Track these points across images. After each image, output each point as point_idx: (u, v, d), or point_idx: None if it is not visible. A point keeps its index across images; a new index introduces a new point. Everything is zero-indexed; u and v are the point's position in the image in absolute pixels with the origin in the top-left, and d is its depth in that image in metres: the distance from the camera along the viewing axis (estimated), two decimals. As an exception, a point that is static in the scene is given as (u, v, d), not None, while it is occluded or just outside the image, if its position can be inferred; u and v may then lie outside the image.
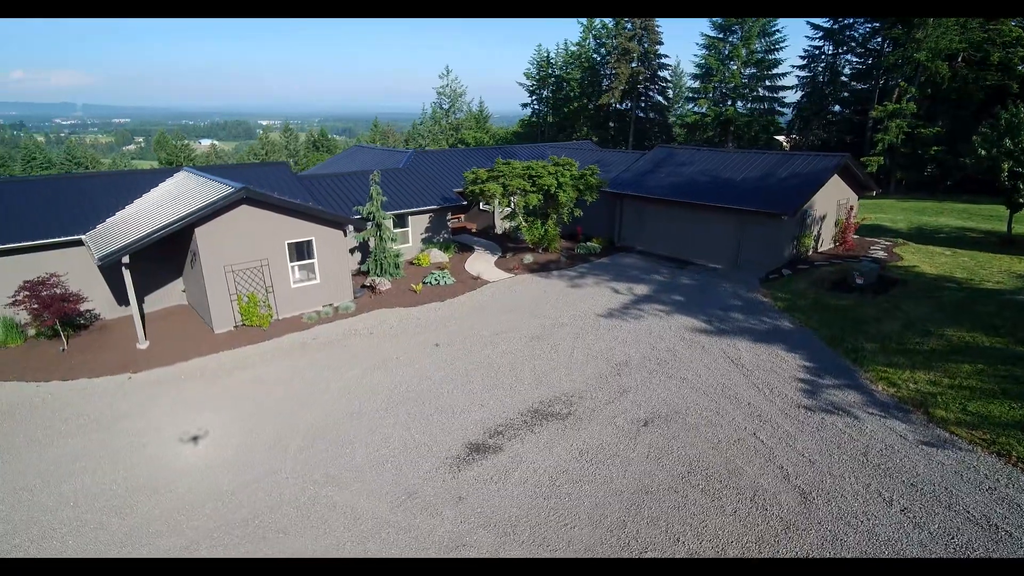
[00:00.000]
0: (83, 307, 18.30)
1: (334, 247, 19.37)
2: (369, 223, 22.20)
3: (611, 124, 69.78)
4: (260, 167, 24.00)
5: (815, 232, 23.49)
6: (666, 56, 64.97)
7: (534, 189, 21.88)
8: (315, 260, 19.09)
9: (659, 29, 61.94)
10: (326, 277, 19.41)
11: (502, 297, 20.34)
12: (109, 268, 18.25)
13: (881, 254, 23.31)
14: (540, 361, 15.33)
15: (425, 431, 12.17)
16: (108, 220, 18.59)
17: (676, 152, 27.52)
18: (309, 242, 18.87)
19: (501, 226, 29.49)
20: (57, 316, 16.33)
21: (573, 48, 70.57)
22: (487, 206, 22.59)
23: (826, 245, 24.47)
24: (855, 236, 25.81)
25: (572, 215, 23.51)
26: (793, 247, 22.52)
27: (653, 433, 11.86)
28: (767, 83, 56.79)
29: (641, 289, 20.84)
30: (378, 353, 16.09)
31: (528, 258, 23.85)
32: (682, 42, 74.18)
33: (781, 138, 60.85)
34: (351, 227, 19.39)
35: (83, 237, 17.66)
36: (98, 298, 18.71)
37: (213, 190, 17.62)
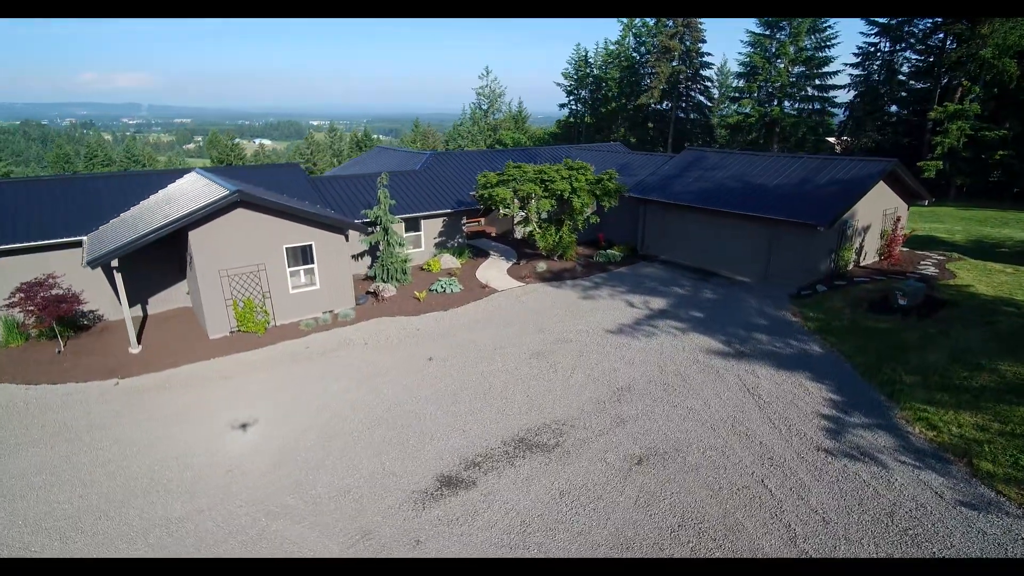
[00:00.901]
0: (87, 308, 18.29)
1: (335, 252, 18.71)
2: (377, 227, 21.52)
3: (650, 125, 67.69)
4: (273, 168, 23.68)
5: (857, 244, 21.50)
6: (709, 54, 62.50)
7: (546, 194, 20.71)
8: (315, 265, 18.48)
9: (702, 26, 59.64)
10: (326, 283, 18.78)
11: (508, 308, 19.28)
12: (110, 269, 18.23)
13: (931, 270, 21.11)
14: (536, 382, 14.20)
15: (398, 458, 11.24)
16: (112, 221, 18.45)
17: (706, 155, 25.84)
18: (309, 247, 18.26)
19: (520, 231, 28.42)
20: (53, 317, 16.18)
21: (612, 47, 68.75)
22: (507, 209, 21.54)
23: (870, 259, 22.39)
24: (904, 249, 23.60)
25: (588, 221, 22.23)
26: (831, 261, 20.63)
27: (646, 474, 10.59)
28: (816, 82, 53.71)
29: (658, 303, 19.41)
30: (369, 366, 15.29)
31: (541, 266, 22.70)
32: (726, 40, 71.34)
33: (832, 140, 57.58)
34: (352, 231, 18.68)
35: (84, 238, 17.53)
36: (102, 299, 18.61)
37: (215, 192, 17.20)
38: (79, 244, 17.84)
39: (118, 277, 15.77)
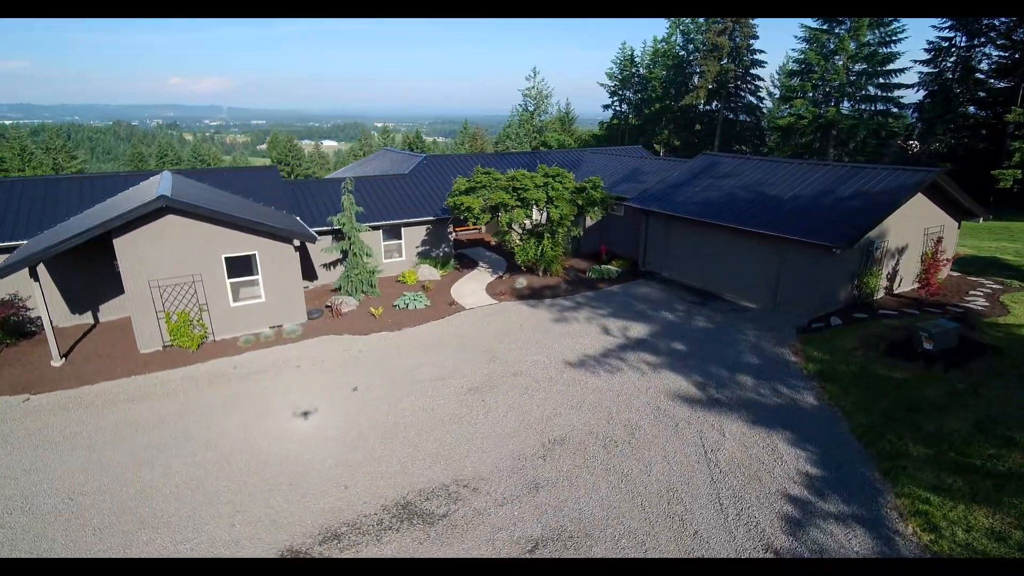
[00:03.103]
0: (35, 315, 17.66)
1: (282, 262, 17.29)
2: (343, 236, 20.03)
3: (698, 127, 63.90)
4: (248, 172, 22.68)
5: (888, 269, 18.19)
6: (762, 52, 58.10)
7: (519, 204, 18.54)
8: (259, 276, 17.11)
9: (753, 22, 55.58)
10: (273, 295, 17.39)
11: (468, 330, 17.28)
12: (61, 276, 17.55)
13: (979, 303, 17.51)
14: (458, 426, 12.16)
15: (252, 520, 9.49)
16: (58, 225, 17.71)
17: (721, 161, 22.91)
18: (252, 257, 16.91)
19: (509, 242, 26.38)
20: (-20, 325, 15.50)
21: (659, 45, 65.38)
22: (475, 221, 19.53)
23: (906, 286, 18.97)
24: (953, 273, 19.98)
25: (570, 234, 19.89)
26: (852, 288, 17.47)
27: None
28: (879, 80, 48.64)
29: (639, 330, 16.90)
30: (285, 395, 13.69)
31: (521, 282, 20.55)
32: (780, 36, 66.28)
33: (906, 143, 52.06)
34: (298, 241, 17.20)
35: (23, 243, 16.83)
36: (53, 306, 17.88)
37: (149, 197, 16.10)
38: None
39: (36, 287, 14.84)
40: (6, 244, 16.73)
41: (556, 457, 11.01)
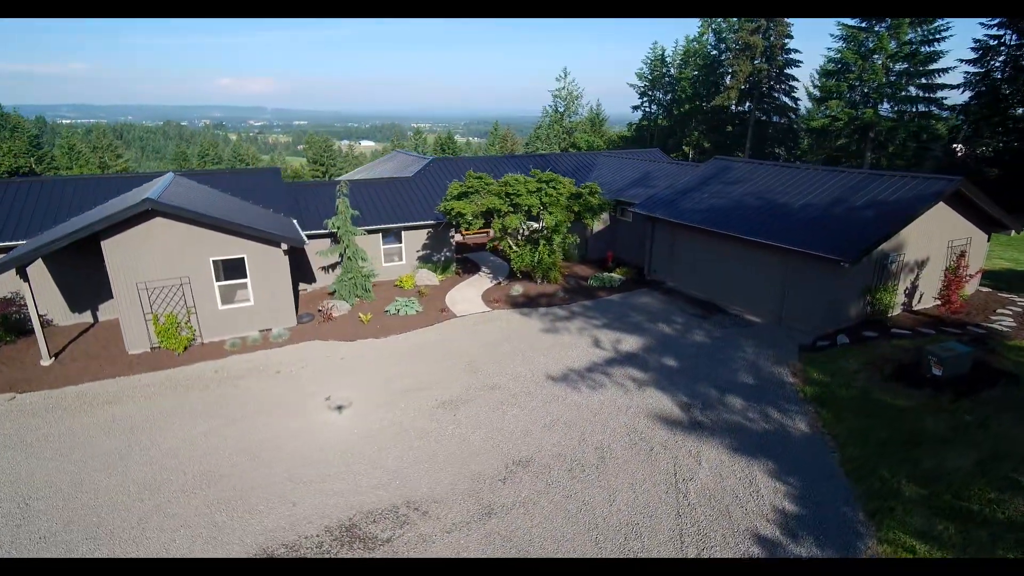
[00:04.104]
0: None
1: (271, 266, 17.19)
2: (339, 238, 19.86)
3: (729, 129, 62.09)
4: (250, 173, 22.76)
5: (906, 284, 16.95)
6: (797, 51, 55.94)
7: (511, 209, 17.98)
8: (248, 280, 17.04)
9: (789, 21, 53.61)
10: (262, 299, 17.30)
11: (453, 339, 16.84)
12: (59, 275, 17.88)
13: (1005, 323, 16.10)
14: (422, 443, 11.72)
15: (193, 536, 9.24)
16: (58, 226, 18.03)
17: (732, 167, 21.87)
18: (241, 260, 16.85)
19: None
20: (-25, 322, 15.83)
21: (691, 44, 63.83)
22: (467, 226, 19.09)
23: (927, 302, 17.65)
24: (983, 288, 18.54)
25: (565, 241, 19.23)
26: (864, 304, 16.32)
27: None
28: (921, 81, 46.16)
29: (631, 343, 16.16)
30: (258, 402, 13.50)
31: (517, 289, 19.99)
32: (815, 35, 63.68)
33: (956, 145, 49.28)
34: (286, 245, 17.05)
35: (21, 243, 17.16)
36: (52, 305, 18.28)
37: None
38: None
39: (25, 287, 15.06)
40: (6, 244, 17.06)
41: (517, 480, 10.45)
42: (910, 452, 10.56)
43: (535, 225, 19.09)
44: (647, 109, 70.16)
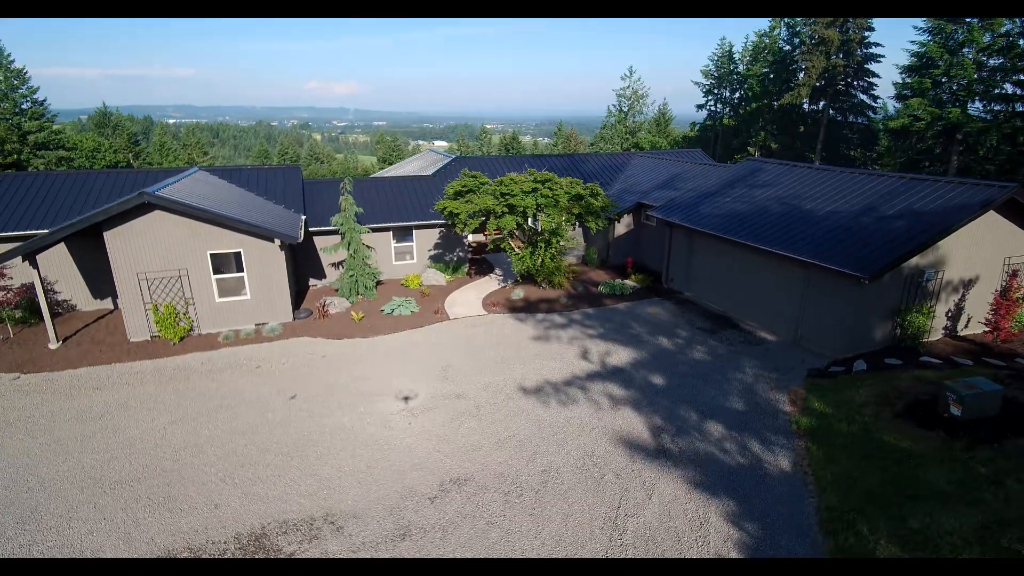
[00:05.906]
0: (61, 297, 19.14)
1: (267, 261, 17.32)
2: (341, 236, 19.84)
3: (801, 128, 58.14)
4: (271, 170, 23.17)
5: (949, 306, 14.78)
6: (879, 45, 51.43)
7: (507, 210, 17.18)
8: (244, 274, 17.26)
9: (868, 11, 49.28)
10: (258, 293, 17.49)
11: (440, 342, 16.31)
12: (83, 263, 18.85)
13: (1071, 357, 13.64)
14: (366, 450, 11.26)
15: (109, 531, 9.20)
16: (78, 217, 18.96)
17: (763, 169, 20.04)
18: (237, 254, 17.09)
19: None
20: (-1, 305, 16.90)
21: (762, 40, 60.36)
22: (463, 227, 18.49)
23: (974, 327, 15.33)
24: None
25: (560, 244, 18.20)
26: (893, 327, 14.35)
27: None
28: (1019, 77, 41.09)
29: (621, 357, 15.02)
30: (225, 397, 13.53)
31: (518, 293, 19.19)
32: (900, 28, 58.28)
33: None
34: (279, 240, 17.11)
35: (44, 232, 18.17)
36: (76, 290, 19.32)
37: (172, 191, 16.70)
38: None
39: (34, 274, 15.87)
40: (31, 232, 18.13)
41: (447, 500, 9.76)
42: (901, 507, 8.97)
43: (515, 227, 18.20)
44: (712, 108, 67.04)
